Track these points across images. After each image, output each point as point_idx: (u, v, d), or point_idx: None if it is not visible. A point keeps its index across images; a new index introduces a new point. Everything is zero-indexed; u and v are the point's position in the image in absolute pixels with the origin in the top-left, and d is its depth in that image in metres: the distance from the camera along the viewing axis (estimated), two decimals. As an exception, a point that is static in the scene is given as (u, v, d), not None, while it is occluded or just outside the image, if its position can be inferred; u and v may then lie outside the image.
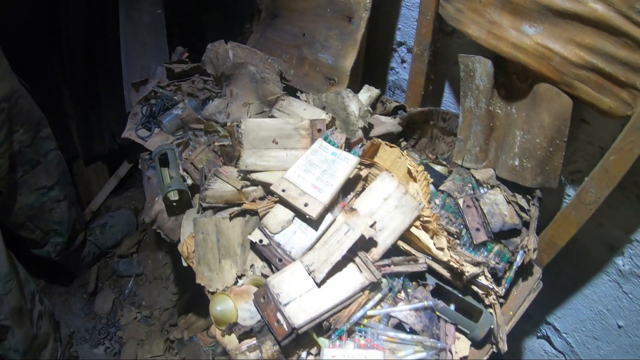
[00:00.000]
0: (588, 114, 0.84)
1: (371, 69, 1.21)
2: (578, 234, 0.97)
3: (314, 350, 0.76)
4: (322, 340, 0.74)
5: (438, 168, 0.97)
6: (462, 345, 0.79)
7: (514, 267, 0.84)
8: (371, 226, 0.76)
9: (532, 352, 1.40)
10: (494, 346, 0.81)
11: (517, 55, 0.80)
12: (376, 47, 1.19)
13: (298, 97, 1.08)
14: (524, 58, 0.79)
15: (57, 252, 1.58)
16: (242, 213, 0.86)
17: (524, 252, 0.84)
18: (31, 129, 1.34)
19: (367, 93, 1.04)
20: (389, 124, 1.02)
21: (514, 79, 0.85)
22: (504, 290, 0.82)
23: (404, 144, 1.05)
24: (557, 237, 0.88)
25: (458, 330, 0.80)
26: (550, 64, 0.76)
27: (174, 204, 1.00)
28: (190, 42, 1.32)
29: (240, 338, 0.77)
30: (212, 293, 0.84)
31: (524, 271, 0.92)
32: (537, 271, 0.93)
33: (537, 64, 0.78)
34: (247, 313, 0.78)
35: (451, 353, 0.76)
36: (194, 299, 1.55)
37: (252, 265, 0.83)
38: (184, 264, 0.92)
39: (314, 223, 0.79)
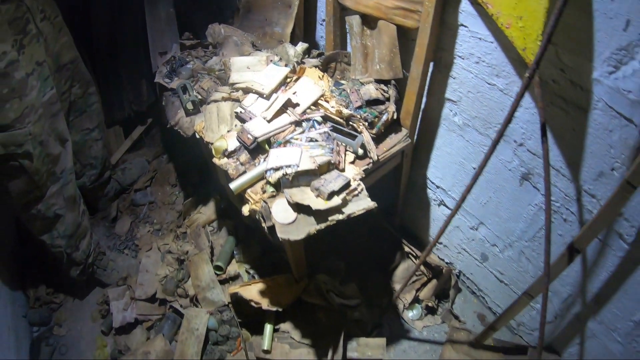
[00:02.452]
0: (414, 34, 1.60)
1: (309, 37, 2.02)
2: (429, 110, 1.66)
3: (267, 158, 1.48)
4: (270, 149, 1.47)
5: (342, 82, 1.74)
6: (349, 157, 1.50)
7: (382, 120, 1.55)
8: (294, 94, 1.52)
9: (439, 221, 2.00)
10: (370, 160, 1.52)
11: (367, 10, 1.60)
12: (310, 23, 2.01)
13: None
14: (370, 11, 1.59)
15: (91, 182, 2.20)
16: (231, 100, 1.62)
17: (387, 113, 1.58)
18: (83, 85, 2.00)
19: (300, 45, 1.84)
20: (314, 61, 1.80)
21: (371, 22, 1.65)
22: (375, 130, 1.55)
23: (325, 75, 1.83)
24: (408, 105, 1.58)
25: (347, 150, 1.52)
26: (382, 11, 1.56)
27: (190, 110, 1.75)
28: (190, 31, 2.14)
29: (228, 156, 1.49)
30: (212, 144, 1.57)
31: (393, 129, 1.64)
32: (404, 130, 1.65)
33: (376, 12, 1.57)
34: (232, 145, 1.51)
35: (344, 162, 1.47)
36: (196, 203, 2.24)
37: (236, 125, 1.58)
38: (197, 136, 1.66)
39: (266, 97, 1.55)
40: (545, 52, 0.95)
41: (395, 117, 1.58)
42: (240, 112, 1.57)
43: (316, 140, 1.46)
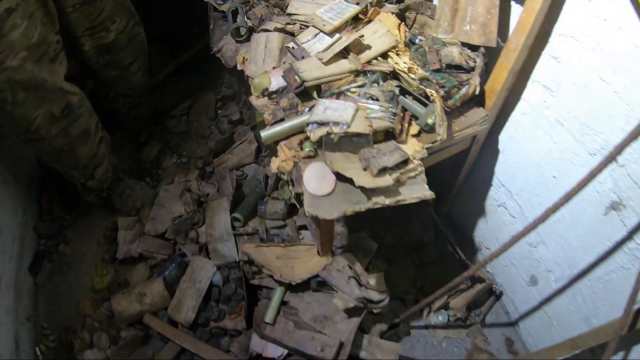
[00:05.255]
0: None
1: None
2: (513, 95, 1.40)
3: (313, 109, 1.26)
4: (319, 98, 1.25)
5: (420, 37, 1.47)
6: (413, 129, 1.25)
7: (461, 92, 1.28)
8: (360, 37, 1.27)
9: (492, 223, 1.77)
10: (439, 136, 1.25)
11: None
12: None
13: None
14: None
15: (125, 108, 2.13)
16: (285, 33, 1.40)
17: (468, 85, 1.31)
18: (125, 18, 1.81)
19: (380, -14, 1.56)
20: (391, 7, 1.52)
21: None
22: (450, 102, 1.28)
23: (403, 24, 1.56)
24: (495, 82, 1.31)
25: (412, 120, 1.27)
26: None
27: (238, 38, 1.54)
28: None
29: (269, 96, 1.29)
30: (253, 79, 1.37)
31: (470, 107, 1.36)
32: (483, 112, 1.37)
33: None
34: (275, 84, 1.30)
35: (406, 133, 1.22)
36: (230, 143, 2.07)
37: (284, 62, 1.36)
38: (239, 67, 1.46)
39: (328, 35, 1.32)
40: None
41: (477, 92, 1.31)
42: (293, 47, 1.35)
43: (377, 99, 1.22)
